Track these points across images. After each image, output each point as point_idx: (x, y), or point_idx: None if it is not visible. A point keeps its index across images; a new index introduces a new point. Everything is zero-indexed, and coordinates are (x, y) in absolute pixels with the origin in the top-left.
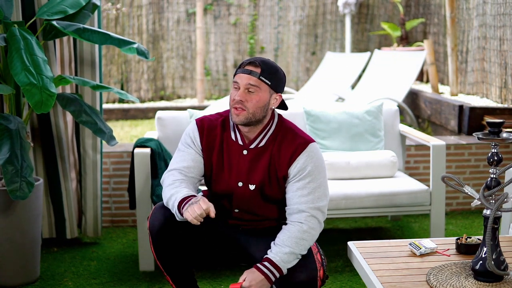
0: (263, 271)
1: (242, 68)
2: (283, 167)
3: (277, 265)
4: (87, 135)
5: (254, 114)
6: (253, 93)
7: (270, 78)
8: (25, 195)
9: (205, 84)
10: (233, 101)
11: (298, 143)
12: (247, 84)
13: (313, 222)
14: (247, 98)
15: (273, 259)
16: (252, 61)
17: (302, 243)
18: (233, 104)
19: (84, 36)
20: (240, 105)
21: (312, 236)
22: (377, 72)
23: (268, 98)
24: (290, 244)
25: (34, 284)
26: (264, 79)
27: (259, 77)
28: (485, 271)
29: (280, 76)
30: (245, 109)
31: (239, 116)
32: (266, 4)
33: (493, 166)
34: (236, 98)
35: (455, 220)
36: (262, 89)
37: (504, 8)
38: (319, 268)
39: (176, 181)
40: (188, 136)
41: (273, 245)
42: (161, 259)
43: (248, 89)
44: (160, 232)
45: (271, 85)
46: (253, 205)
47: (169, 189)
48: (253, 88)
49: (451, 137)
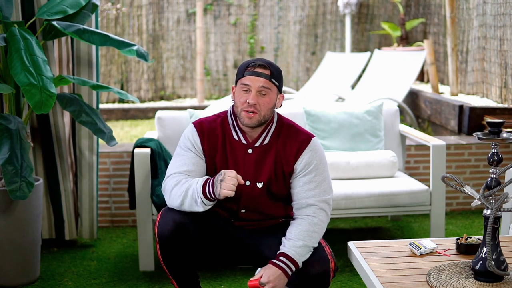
0: (279, 265)
1: (252, 71)
2: (289, 163)
3: (292, 258)
4: (84, 135)
5: (265, 116)
6: (265, 95)
7: (278, 80)
8: (25, 195)
9: (205, 84)
10: (244, 104)
11: (302, 139)
12: (260, 87)
13: (322, 215)
14: (259, 101)
15: (288, 253)
16: (261, 63)
17: (314, 235)
18: (245, 107)
19: (84, 37)
20: (253, 108)
21: (322, 228)
22: (377, 72)
23: (275, 99)
24: (302, 238)
25: (34, 284)
26: (274, 81)
27: (270, 79)
28: (485, 271)
29: (282, 76)
30: (257, 111)
31: (252, 119)
32: (266, 4)
33: (493, 166)
34: (250, 101)
35: (455, 220)
36: (272, 91)
37: (504, 8)
38: (331, 260)
39: (181, 179)
40: (188, 140)
41: (286, 240)
42: (167, 264)
43: (261, 92)
44: (170, 238)
45: (278, 86)
46: (260, 204)
47: (179, 187)
48: (265, 91)
49: (451, 137)
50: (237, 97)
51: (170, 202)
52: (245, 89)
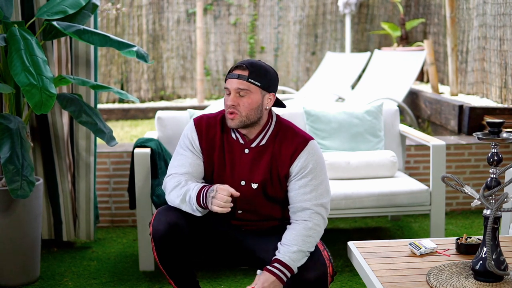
0: (274, 272)
1: (231, 73)
2: (284, 166)
3: (287, 264)
4: (81, 136)
5: (247, 116)
6: (244, 96)
7: (259, 79)
8: (26, 194)
9: (205, 84)
10: (226, 106)
11: (298, 142)
12: (237, 89)
13: (317, 219)
14: (239, 102)
15: (282, 259)
16: (239, 64)
17: (309, 240)
18: (227, 109)
19: (84, 37)
20: (233, 109)
21: (318, 232)
22: (377, 72)
23: (260, 99)
24: (297, 243)
25: (34, 284)
26: (253, 81)
27: (247, 80)
28: (485, 271)
29: (271, 76)
30: (237, 113)
31: (234, 121)
32: (266, 4)
33: (493, 166)
34: (228, 103)
35: (455, 220)
36: (252, 91)
37: (504, 8)
38: (328, 265)
39: (181, 181)
40: (187, 138)
41: (280, 246)
42: (164, 264)
43: (239, 93)
44: (163, 238)
45: (261, 86)
46: (257, 204)
47: (177, 189)
48: (243, 92)
49: (451, 137)
50: (224, 101)
51: (170, 202)
52: (227, 92)
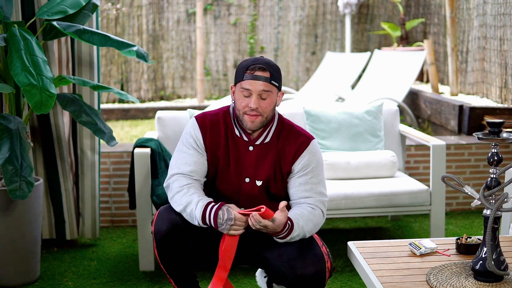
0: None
1: (251, 74)
2: (287, 163)
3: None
4: (85, 135)
5: (267, 117)
6: (265, 99)
7: (277, 80)
8: (24, 195)
9: (205, 84)
10: (246, 107)
11: (301, 140)
12: (261, 91)
13: (318, 211)
14: (261, 104)
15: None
16: (260, 65)
17: (309, 224)
18: (247, 111)
19: (84, 37)
20: (255, 112)
21: (318, 223)
22: (377, 72)
23: (276, 98)
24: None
25: (34, 284)
26: (274, 82)
27: (270, 82)
28: (485, 271)
29: (281, 74)
30: (260, 114)
31: (255, 122)
32: (266, 4)
33: (493, 166)
34: (252, 106)
35: (455, 220)
36: (273, 92)
37: (504, 8)
38: (327, 260)
39: (184, 186)
40: (190, 136)
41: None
42: (165, 264)
43: (261, 96)
44: (165, 238)
45: (278, 86)
46: (259, 203)
47: (179, 196)
48: (266, 94)
49: (451, 137)
50: (237, 100)
51: (172, 205)
52: (245, 94)
